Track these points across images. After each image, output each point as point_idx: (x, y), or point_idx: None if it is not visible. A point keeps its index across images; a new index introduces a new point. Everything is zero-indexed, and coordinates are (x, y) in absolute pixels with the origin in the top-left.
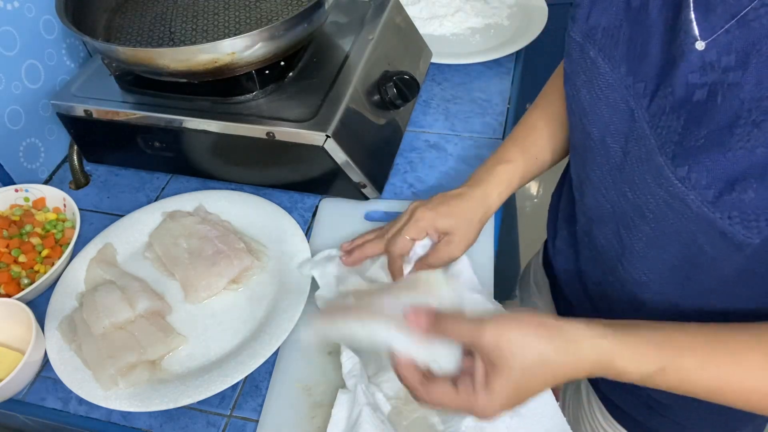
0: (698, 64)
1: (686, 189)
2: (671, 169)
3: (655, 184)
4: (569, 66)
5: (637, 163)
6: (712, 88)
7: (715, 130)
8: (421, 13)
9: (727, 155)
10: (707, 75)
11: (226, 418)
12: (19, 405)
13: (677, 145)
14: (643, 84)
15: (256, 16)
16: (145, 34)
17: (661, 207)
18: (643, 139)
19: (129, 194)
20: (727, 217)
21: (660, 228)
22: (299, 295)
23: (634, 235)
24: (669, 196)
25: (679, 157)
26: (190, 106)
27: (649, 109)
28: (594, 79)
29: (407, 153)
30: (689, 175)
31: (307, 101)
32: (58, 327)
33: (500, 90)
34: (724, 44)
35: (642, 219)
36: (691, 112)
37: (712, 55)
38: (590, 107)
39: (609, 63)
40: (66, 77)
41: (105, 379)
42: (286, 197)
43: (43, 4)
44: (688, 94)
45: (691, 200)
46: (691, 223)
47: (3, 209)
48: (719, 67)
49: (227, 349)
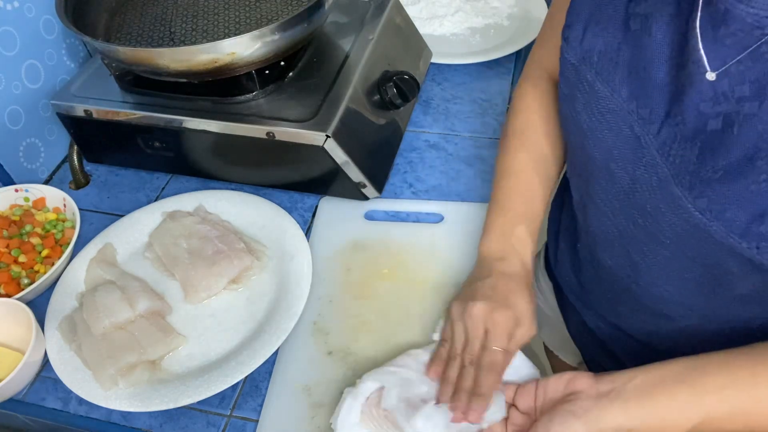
0: (710, 94)
1: (708, 220)
2: (689, 200)
3: (671, 213)
4: (566, 87)
5: (648, 191)
6: (727, 118)
7: (734, 162)
8: (421, 13)
9: (751, 188)
10: (720, 105)
11: (226, 418)
12: (19, 405)
13: (693, 176)
14: (648, 110)
15: (256, 16)
16: (145, 34)
17: (679, 234)
18: (654, 167)
19: (129, 194)
20: (755, 247)
21: (680, 251)
22: (299, 295)
23: (649, 258)
24: (688, 225)
25: (696, 188)
26: (190, 106)
27: (659, 136)
28: (593, 103)
29: (407, 153)
30: (710, 206)
31: (307, 101)
32: (58, 327)
33: (500, 90)
34: (737, 75)
35: (658, 244)
36: (705, 142)
37: (724, 85)
38: (591, 131)
39: (608, 87)
40: (66, 77)
41: (105, 379)
42: (286, 197)
43: (43, 4)
44: (701, 123)
45: (714, 230)
46: (715, 249)
47: (3, 209)
48: (733, 97)
49: (227, 349)
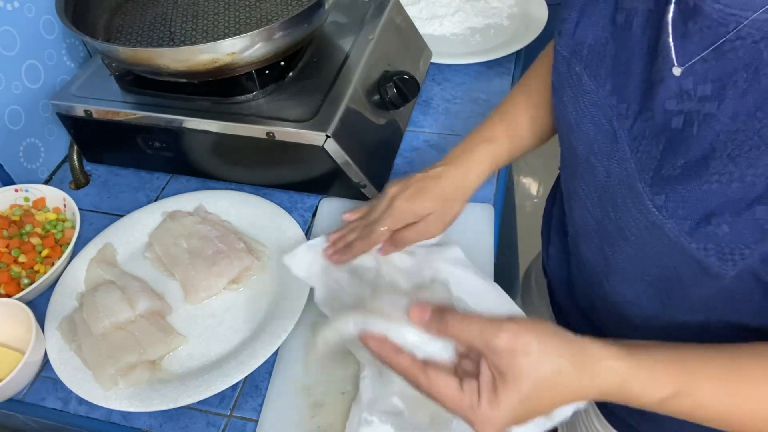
0: (675, 91)
1: (663, 218)
2: (649, 196)
3: (635, 209)
4: (557, 80)
5: (618, 185)
6: (688, 117)
7: (691, 161)
8: (421, 13)
9: (703, 188)
10: (683, 103)
11: (226, 418)
12: (19, 405)
13: (655, 173)
14: (625, 105)
15: (256, 16)
16: (145, 34)
17: (641, 230)
18: (625, 161)
19: (129, 194)
20: (703, 248)
21: (642, 249)
22: (299, 295)
23: (617, 253)
24: (648, 222)
25: (656, 185)
26: (190, 106)
27: (631, 131)
28: (579, 96)
29: (407, 153)
30: (666, 204)
31: (307, 101)
32: (58, 327)
33: (500, 90)
34: (701, 73)
35: (624, 240)
36: (669, 140)
37: (688, 83)
38: (576, 124)
39: (594, 80)
40: (66, 77)
41: (105, 379)
42: (286, 197)
43: (43, 4)
44: (666, 120)
45: (668, 229)
46: (669, 249)
47: (3, 209)
48: (695, 96)
49: (227, 349)
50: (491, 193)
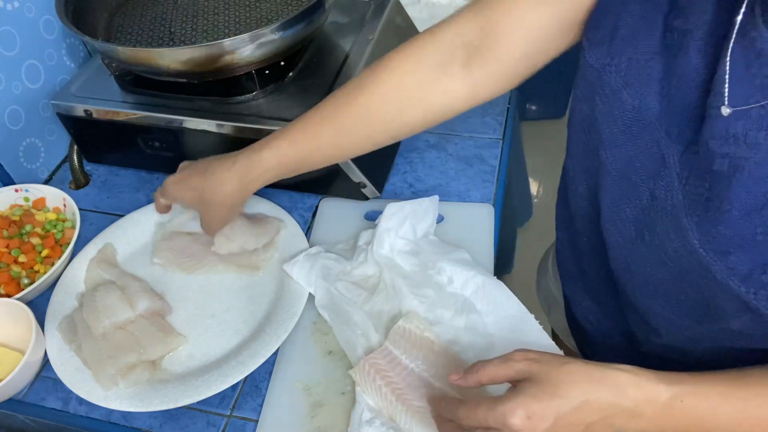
0: (721, 132)
1: (711, 260)
2: (696, 235)
3: (678, 243)
4: (585, 89)
5: (662, 213)
6: (734, 162)
7: (744, 210)
8: (421, 13)
9: (757, 238)
10: (730, 146)
11: (226, 418)
12: (19, 405)
13: (703, 212)
14: (676, 130)
15: (256, 16)
16: (145, 34)
17: (682, 263)
18: (672, 190)
19: (129, 194)
20: (753, 293)
21: (680, 277)
22: (299, 295)
23: (650, 272)
24: (692, 258)
25: (704, 226)
26: (190, 106)
27: (681, 159)
28: (617, 112)
29: (407, 153)
30: (715, 247)
31: (307, 101)
32: (58, 327)
33: None
34: (757, 119)
35: (660, 264)
36: (715, 181)
37: (738, 127)
38: (609, 139)
39: (638, 99)
40: (66, 77)
41: (105, 379)
42: (286, 197)
43: (43, 4)
44: (709, 160)
45: (715, 270)
46: (713, 284)
47: (3, 209)
48: (745, 141)
49: (227, 349)
50: (491, 193)
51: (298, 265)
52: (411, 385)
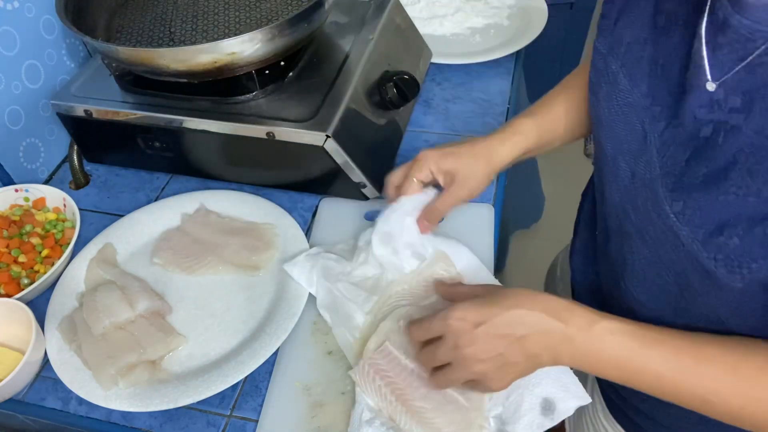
0: (707, 100)
1: (680, 224)
2: (668, 202)
3: (654, 213)
4: (594, 75)
5: (641, 188)
6: (716, 127)
7: (713, 171)
8: (421, 13)
9: (719, 198)
10: (714, 113)
11: (226, 418)
12: (19, 405)
13: (677, 179)
14: (659, 108)
15: (256, 16)
16: (145, 34)
17: (658, 234)
18: (651, 164)
19: (129, 194)
20: (713, 258)
21: (657, 253)
22: (299, 295)
23: (635, 254)
24: (665, 226)
25: (677, 191)
26: (190, 106)
27: (662, 135)
28: (614, 94)
29: (407, 153)
30: (684, 210)
31: (307, 101)
32: (58, 327)
33: (500, 90)
34: (732, 84)
35: (642, 241)
36: (696, 148)
37: (719, 93)
38: (607, 122)
39: (630, 80)
40: (66, 77)
41: (105, 379)
42: (286, 197)
43: (43, 4)
44: (695, 129)
45: (683, 235)
46: (682, 255)
47: (3, 209)
48: (726, 106)
49: (227, 349)
50: (491, 193)
51: (299, 265)
52: (411, 385)
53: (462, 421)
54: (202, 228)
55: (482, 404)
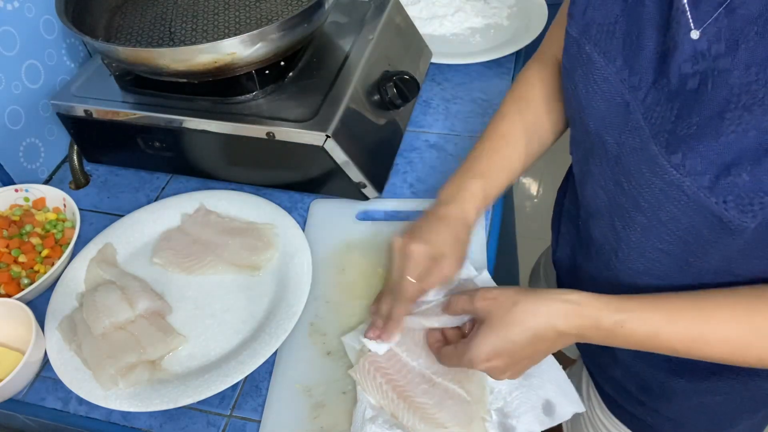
0: (690, 53)
1: (681, 176)
2: (665, 157)
3: (651, 174)
4: (567, 61)
5: (632, 154)
6: (703, 76)
7: (706, 117)
8: (421, 13)
9: (719, 140)
10: (699, 64)
11: (226, 418)
12: (19, 405)
13: (670, 134)
14: (638, 77)
15: (256, 16)
16: (145, 34)
17: (656, 196)
18: (638, 130)
19: (129, 194)
20: (723, 202)
21: (656, 217)
22: (299, 295)
23: (629, 226)
24: (665, 184)
25: (672, 145)
26: (190, 106)
27: (645, 101)
28: (590, 74)
29: (407, 153)
30: (684, 161)
31: (307, 101)
32: (58, 327)
33: (500, 90)
34: (714, 32)
35: (637, 209)
36: (684, 101)
37: (702, 44)
38: (586, 102)
39: (604, 57)
40: (66, 77)
41: (105, 379)
42: (286, 197)
43: (43, 4)
44: (682, 83)
45: (687, 186)
46: (687, 209)
47: (3, 209)
48: (710, 55)
49: (227, 349)
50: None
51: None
52: (412, 381)
53: (464, 415)
54: (202, 228)
55: (484, 397)
